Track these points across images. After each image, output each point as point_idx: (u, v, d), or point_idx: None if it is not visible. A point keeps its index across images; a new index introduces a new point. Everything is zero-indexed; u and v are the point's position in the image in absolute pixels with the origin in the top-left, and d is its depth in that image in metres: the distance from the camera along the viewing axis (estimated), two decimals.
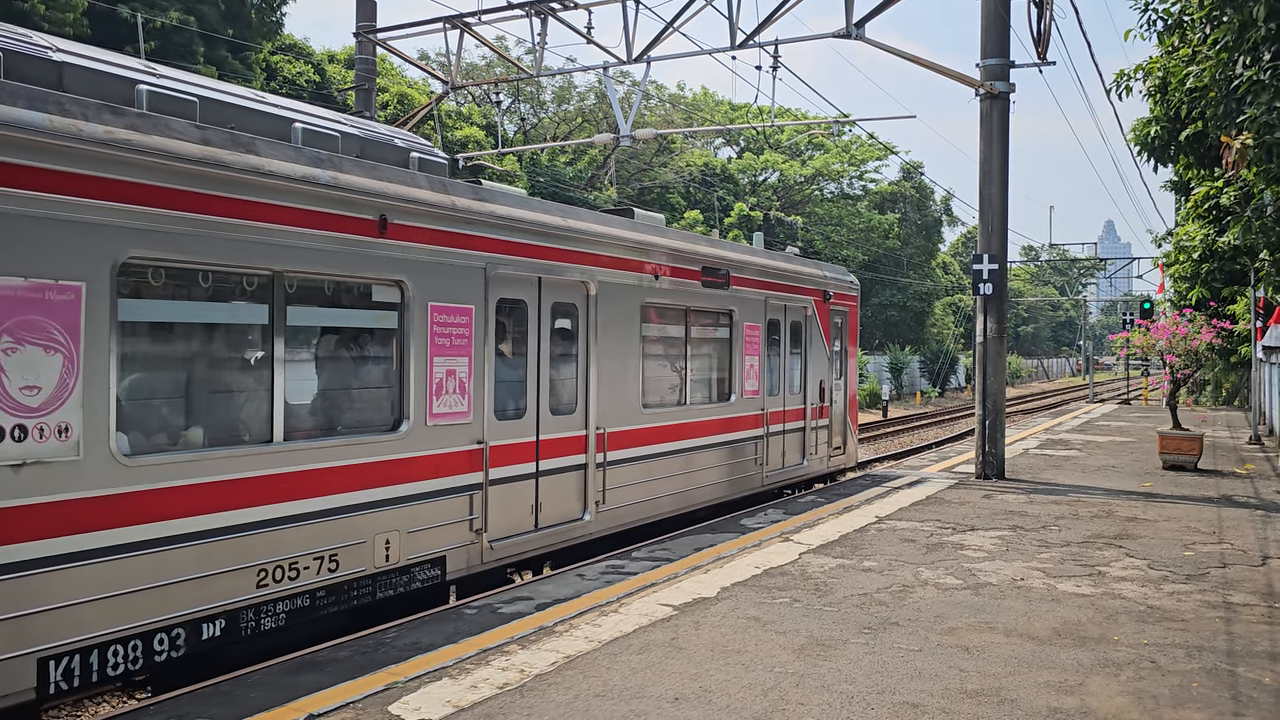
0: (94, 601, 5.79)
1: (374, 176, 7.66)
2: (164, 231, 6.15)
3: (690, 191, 43.96)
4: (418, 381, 7.95)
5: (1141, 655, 6.37)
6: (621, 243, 10.57)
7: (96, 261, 5.78)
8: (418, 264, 7.95)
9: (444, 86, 19.04)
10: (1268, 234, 10.93)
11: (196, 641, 6.39)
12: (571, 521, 9.80)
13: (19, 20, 19.17)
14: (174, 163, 6.19)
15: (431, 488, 8.08)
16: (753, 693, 5.65)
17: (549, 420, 9.54)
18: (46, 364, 5.53)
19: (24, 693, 5.49)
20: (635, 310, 10.80)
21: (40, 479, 5.49)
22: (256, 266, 6.76)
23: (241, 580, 6.60)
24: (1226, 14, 8.38)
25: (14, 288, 5.36)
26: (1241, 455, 18.64)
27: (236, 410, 6.96)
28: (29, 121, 5.48)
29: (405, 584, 7.91)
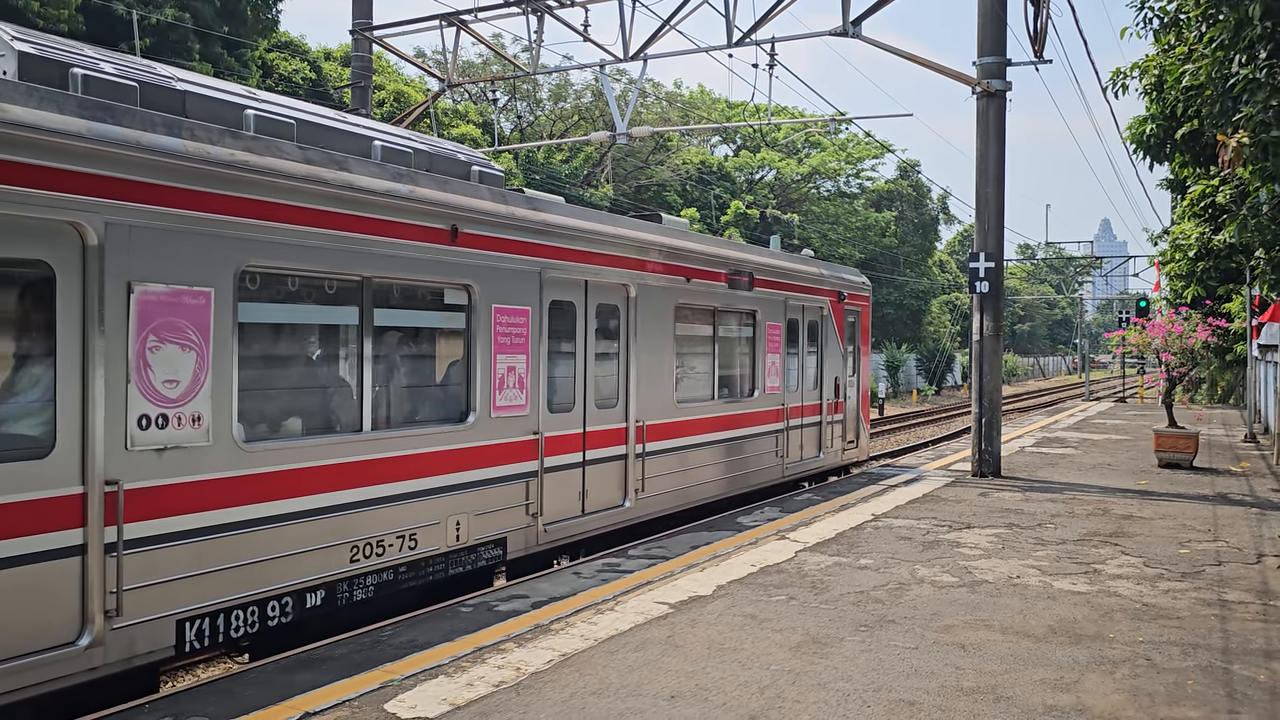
0: (219, 571, 6.51)
1: (445, 189, 8.41)
2: (274, 242, 6.87)
3: (687, 189, 43.96)
4: (483, 377, 8.73)
5: (1137, 653, 6.38)
6: (658, 248, 11.30)
7: (222, 269, 6.52)
8: (483, 269, 8.70)
9: (440, 84, 19.02)
10: (1263, 232, 10.93)
11: (301, 610, 7.13)
12: (614, 508, 10.51)
13: (14, 16, 19.10)
14: (283, 180, 6.91)
15: (494, 474, 8.85)
16: (749, 690, 5.66)
17: (594, 413, 10.27)
18: (183, 360, 6.31)
19: (165, 649, 6.25)
20: (669, 311, 11.55)
21: (178, 462, 6.25)
22: (348, 273, 7.49)
23: (338, 555, 7.34)
24: (1222, 12, 8.39)
25: (157, 293, 6.13)
26: (1237, 453, 18.68)
27: (331, 402, 7.70)
28: (169, 147, 6.22)
29: (472, 562, 8.69)
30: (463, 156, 9.46)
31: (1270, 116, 8.01)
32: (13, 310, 5.64)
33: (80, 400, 5.76)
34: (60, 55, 6.45)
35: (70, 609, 5.68)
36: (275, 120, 7.45)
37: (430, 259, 8.14)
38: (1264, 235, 10.96)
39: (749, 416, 13.44)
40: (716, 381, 12.77)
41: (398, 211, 7.83)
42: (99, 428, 5.79)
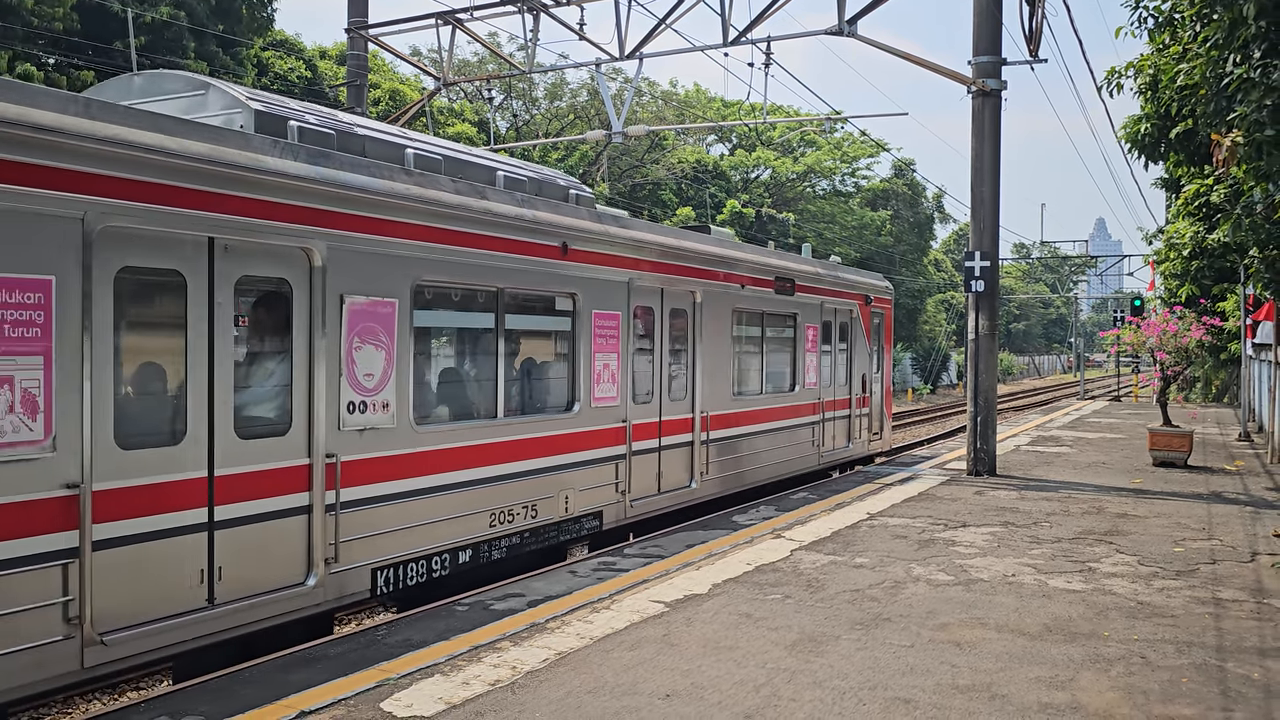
0: (400, 530, 7.99)
1: (556, 212, 9.95)
2: (438, 260, 8.37)
3: (682, 188, 43.95)
4: (585, 372, 10.26)
5: (1132, 651, 6.40)
6: (720, 259, 12.87)
7: (403, 283, 8.01)
8: (586, 279, 10.24)
9: (436, 83, 19.00)
10: (1257, 231, 10.95)
11: (454, 564, 8.64)
12: (683, 488, 12.07)
13: (11, 15, 19.05)
14: (443, 209, 8.42)
15: (593, 456, 10.40)
16: (745, 689, 5.66)
17: (668, 405, 11.81)
18: (377, 358, 7.77)
19: (363, 592, 7.72)
20: (728, 314, 13.11)
21: (373, 440, 7.73)
22: (488, 284, 9.03)
23: (481, 520, 8.89)
24: (1217, 12, 8.40)
25: (360, 303, 7.61)
26: (1231, 452, 18.73)
27: (475, 393, 9.25)
28: (367, 185, 7.73)
29: (577, 530, 10.26)
30: (562, 181, 11.02)
31: (1264, 116, 8.02)
32: (264, 317, 7.10)
33: (308, 389, 7.23)
34: (280, 110, 7.96)
35: (300, 556, 7.15)
36: (428, 157, 8.92)
37: (547, 271, 9.69)
38: (1258, 234, 10.99)
39: (791, 409, 14.97)
40: (765, 377, 14.26)
41: (524, 232, 9.36)
42: (321, 412, 7.27)
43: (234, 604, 6.62)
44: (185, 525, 6.41)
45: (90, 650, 5.84)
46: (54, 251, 5.67)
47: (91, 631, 5.82)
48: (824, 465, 16.10)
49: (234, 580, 6.66)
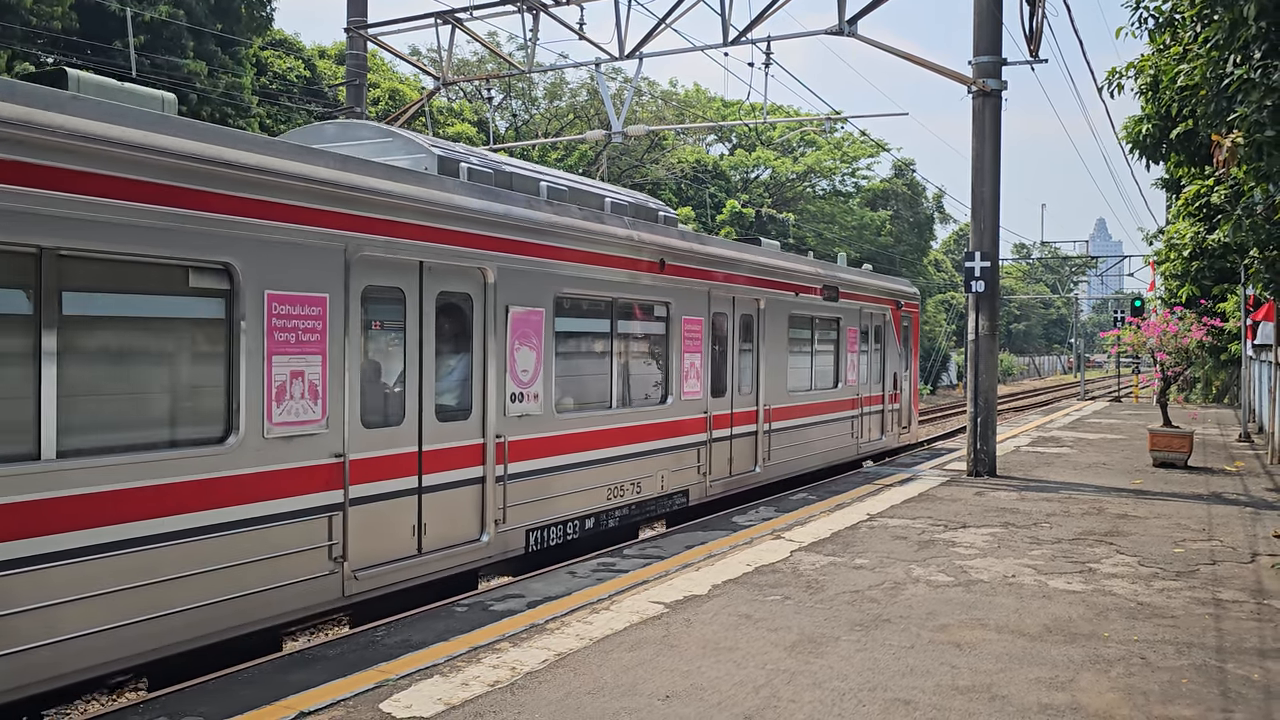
0: (545, 499, 9.73)
1: (654, 232, 11.67)
2: (571, 276, 10.09)
3: (682, 188, 43.94)
4: (676, 369, 11.96)
5: (1132, 651, 6.39)
6: (779, 270, 14.58)
7: (548, 295, 9.75)
8: (677, 289, 12.01)
9: (436, 82, 18.98)
10: (1257, 232, 10.94)
11: (581, 530, 10.37)
12: (749, 473, 13.77)
13: (9, 15, 19.03)
14: (575, 233, 10.14)
15: (682, 442, 12.12)
16: (744, 689, 5.65)
17: (738, 398, 13.45)
18: (530, 357, 9.48)
19: (519, 550, 9.40)
20: (785, 319, 14.72)
21: (528, 424, 9.47)
22: (605, 295, 10.76)
23: (601, 494, 10.66)
24: (1217, 12, 8.39)
25: (520, 312, 9.32)
26: (1231, 453, 18.72)
27: (595, 386, 10.85)
28: (523, 215, 9.49)
29: (670, 505, 12.01)
30: (652, 204, 12.71)
31: (1265, 116, 8.01)
32: (453, 325, 8.72)
33: (483, 382, 8.94)
34: (453, 154, 9.62)
35: (476, 518, 8.86)
36: (557, 188, 10.57)
37: (648, 283, 11.42)
38: (1258, 235, 10.98)
39: (835, 404, 16.65)
40: (814, 375, 15.91)
41: (632, 250, 11.10)
42: (493, 400, 8.98)
43: (434, 553, 8.35)
44: (404, 489, 8.11)
45: (348, 583, 7.52)
46: (327, 275, 7.39)
47: (349, 569, 7.53)
48: (861, 455, 17.72)
49: (434, 535, 8.36)
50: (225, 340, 6.74)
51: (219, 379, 6.71)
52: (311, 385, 7.21)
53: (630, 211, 11.68)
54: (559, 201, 10.27)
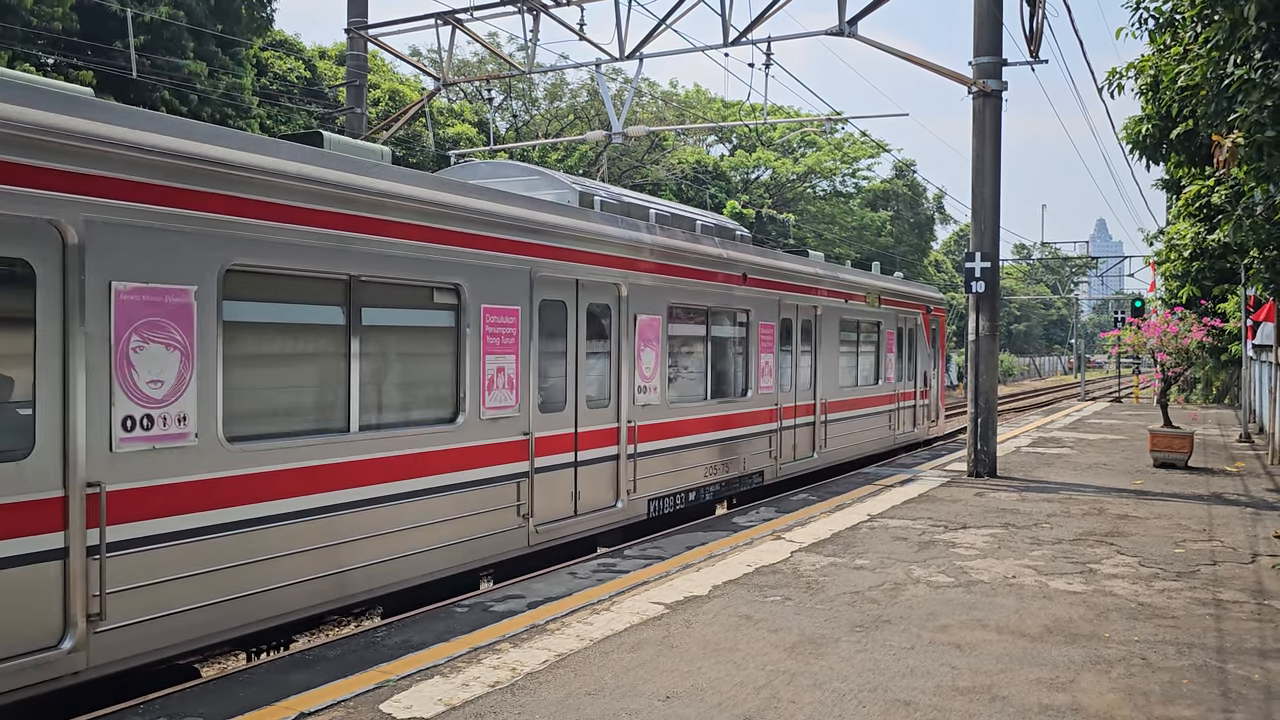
0: (659, 475, 11.54)
1: (739, 250, 13.48)
2: (680, 289, 12.01)
3: (682, 189, 43.93)
4: (753, 367, 13.80)
5: (1132, 652, 6.39)
6: (833, 280, 16.38)
7: (663, 305, 11.64)
8: (756, 299, 13.82)
9: (436, 83, 18.99)
10: (1257, 232, 10.93)
11: (685, 501, 12.17)
12: (808, 458, 15.55)
13: (9, 15, 19.02)
14: (683, 253, 12.02)
15: (759, 429, 13.94)
16: (745, 690, 5.65)
17: (799, 393, 15.24)
18: (651, 356, 11.36)
19: (641, 516, 11.21)
20: (837, 323, 16.53)
21: (649, 412, 11.34)
22: (703, 304, 12.61)
23: (700, 471, 12.48)
24: (1217, 13, 8.38)
25: (645, 319, 11.23)
26: (1232, 453, 18.71)
27: (692, 381, 12.59)
28: (649, 240, 11.38)
29: (749, 484, 13.75)
30: (730, 225, 14.46)
31: (1265, 117, 8.00)
32: (596, 331, 10.56)
33: (618, 377, 10.81)
34: (587, 188, 11.54)
35: (612, 488, 10.74)
36: (661, 213, 12.37)
37: (734, 294, 13.24)
38: (1258, 235, 10.97)
39: (876, 399, 18.42)
40: (859, 372, 17.70)
41: (723, 266, 12.93)
42: (625, 392, 10.88)
43: (585, 515, 10.25)
44: (566, 463, 10.00)
45: (532, 535, 9.39)
46: (519, 291, 9.31)
47: (532, 524, 9.40)
48: (897, 445, 19.47)
49: (585, 500, 10.25)
50: (454, 343, 8.67)
51: (450, 373, 8.67)
52: (509, 378, 9.19)
53: (715, 232, 13.53)
54: (666, 226, 12.18)
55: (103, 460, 5.85)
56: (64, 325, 5.72)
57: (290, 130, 26.82)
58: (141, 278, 6.09)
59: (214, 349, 6.52)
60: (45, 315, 5.66)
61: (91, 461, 5.78)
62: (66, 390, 5.72)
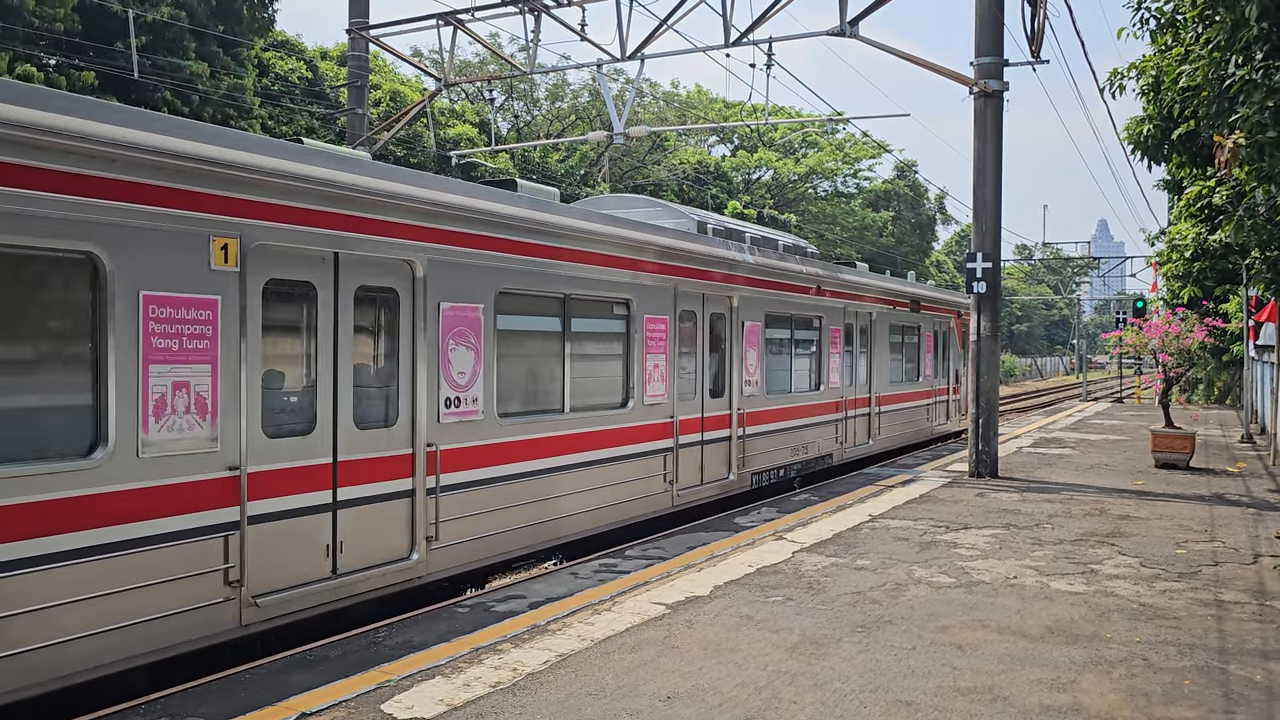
0: (760, 454, 13.87)
1: (814, 266, 15.94)
2: (773, 300, 14.35)
3: (683, 189, 43.94)
4: (825, 365, 16.08)
5: (1134, 653, 6.38)
6: (884, 289, 18.86)
7: (762, 313, 13.98)
8: (826, 307, 16.16)
9: (437, 83, 18.99)
10: (1259, 232, 10.93)
11: (775, 476, 14.48)
12: (865, 444, 17.90)
13: (11, 15, 19.03)
14: (776, 270, 14.41)
15: (827, 419, 16.29)
16: (746, 690, 5.65)
17: (858, 387, 17.59)
18: (753, 355, 13.73)
19: (748, 486, 13.54)
20: (887, 327, 18.96)
21: (752, 402, 13.66)
22: (788, 313, 14.89)
23: (787, 452, 14.82)
24: (1219, 13, 8.38)
25: (750, 325, 13.54)
26: (1233, 454, 18.70)
27: (778, 375, 14.75)
28: (753, 260, 13.77)
29: (820, 464, 16.07)
30: (803, 244, 16.77)
31: (1266, 117, 8.00)
32: (717, 335, 12.98)
33: (729, 372, 13.15)
34: (703, 218, 13.86)
35: (726, 462, 13.10)
36: (754, 237, 14.59)
37: (809, 302, 15.62)
38: (1260, 235, 10.96)
39: (917, 394, 20.97)
40: (904, 370, 20.10)
41: (802, 279, 15.31)
42: (735, 384, 13.33)
43: (708, 484, 12.65)
44: (695, 441, 12.31)
45: (675, 498, 11.83)
46: (667, 303, 11.83)
47: (675, 489, 11.68)
48: (933, 435, 22.06)
49: (708, 473, 12.68)
50: (626, 345, 11.11)
51: (624, 368, 11.11)
52: (662, 373, 11.64)
53: (792, 249, 15.80)
54: (760, 247, 14.42)
55: (435, 428, 8.31)
56: (413, 334, 8.15)
57: (291, 131, 26.84)
58: (456, 299, 8.58)
59: (492, 349, 9.00)
60: (405, 327, 8.10)
61: (430, 429, 8.25)
62: (414, 378, 8.15)
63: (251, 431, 6.75)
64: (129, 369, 6.04)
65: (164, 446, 6.21)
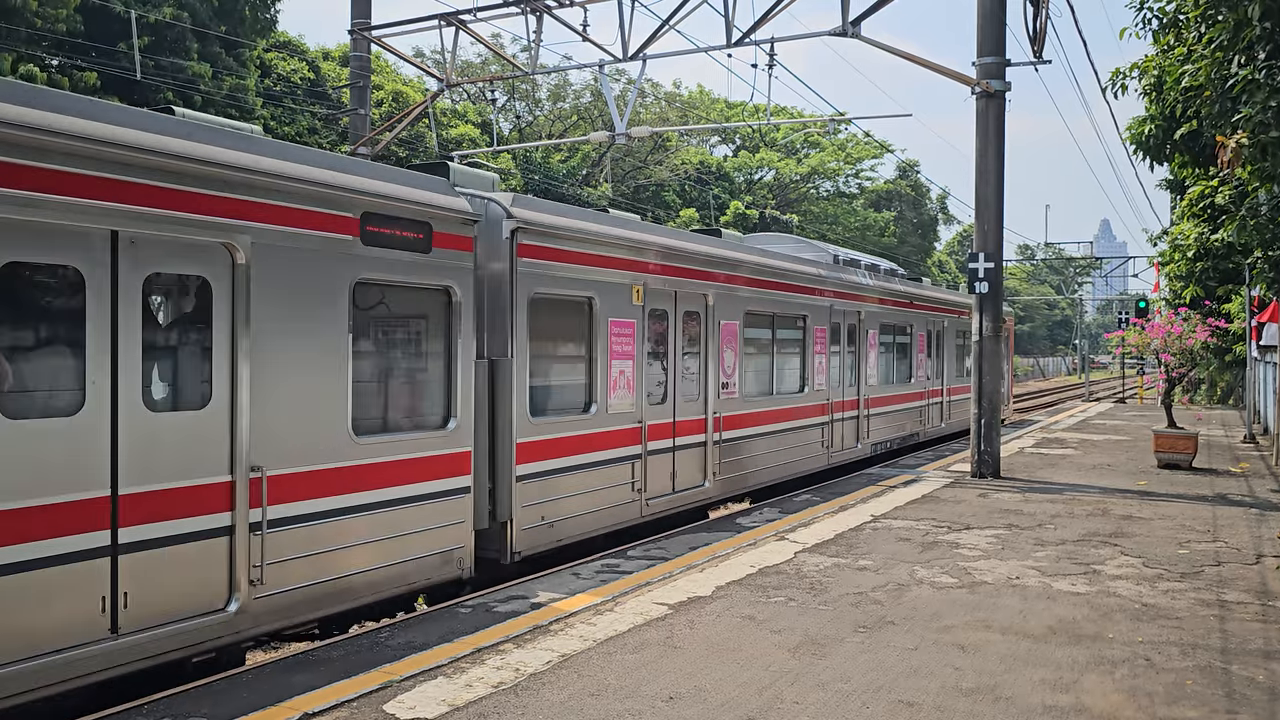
0: (875, 430, 17.94)
1: (908, 285, 20.09)
2: (883, 312, 18.26)
3: (686, 189, 43.94)
4: (916, 364, 20.18)
5: (1136, 653, 6.38)
6: (953, 302, 22.90)
7: (878, 324, 18.03)
8: (917, 317, 20.21)
9: (439, 84, 19.00)
10: (1261, 232, 10.92)
11: (887, 448, 18.57)
12: (939, 426, 21.79)
13: (13, 16, 19.06)
14: (889, 291, 18.68)
15: (917, 405, 20.28)
16: (748, 691, 5.65)
17: (931, 380, 21.30)
18: (872, 356, 17.95)
19: (869, 454, 17.66)
20: (954, 332, 23.02)
21: (871, 391, 17.82)
22: (893, 320, 18.71)
23: (892, 429, 18.82)
24: (1221, 13, 8.38)
25: (872, 333, 17.83)
26: (1236, 454, 18.68)
27: (884, 371, 18.43)
28: (879, 286, 18.39)
29: (911, 439, 19.91)
30: (894, 266, 20.47)
31: (1269, 117, 8.00)
32: (850, 342, 16.81)
33: (857, 370, 17.08)
34: (836, 252, 17.30)
35: (855, 435, 17.08)
36: (867, 263, 18.42)
37: (904, 314, 19.50)
38: (1262, 235, 10.96)
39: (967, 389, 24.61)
40: (962, 368, 23.75)
41: (896, 296, 19.04)
42: (863, 379, 17.32)
43: (840, 451, 16.24)
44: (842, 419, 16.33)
45: (830, 458, 15.44)
46: (833, 319, 16.04)
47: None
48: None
49: (841, 444, 16.30)
50: (802, 349, 15.04)
51: (807, 368, 15.12)
52: (845, 372, 16.51)
53: (889, 271, 19.64)
54: (875, 272, 18.47)
55: (715, 402, 12.28)
56: (706, 341, 12.10)
57: (294, 131, 26.86)
58: (726, 317, 12.60)
59: (741, 350, 12.89)
60: (705, 336, 12.10)
61: (713, 402, 12.22)
62: (706, 368, 12.12)
63: None
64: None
65: None
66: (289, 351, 6.72)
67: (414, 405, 8.13)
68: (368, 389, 7.48)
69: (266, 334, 6.53)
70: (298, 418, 6.79)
